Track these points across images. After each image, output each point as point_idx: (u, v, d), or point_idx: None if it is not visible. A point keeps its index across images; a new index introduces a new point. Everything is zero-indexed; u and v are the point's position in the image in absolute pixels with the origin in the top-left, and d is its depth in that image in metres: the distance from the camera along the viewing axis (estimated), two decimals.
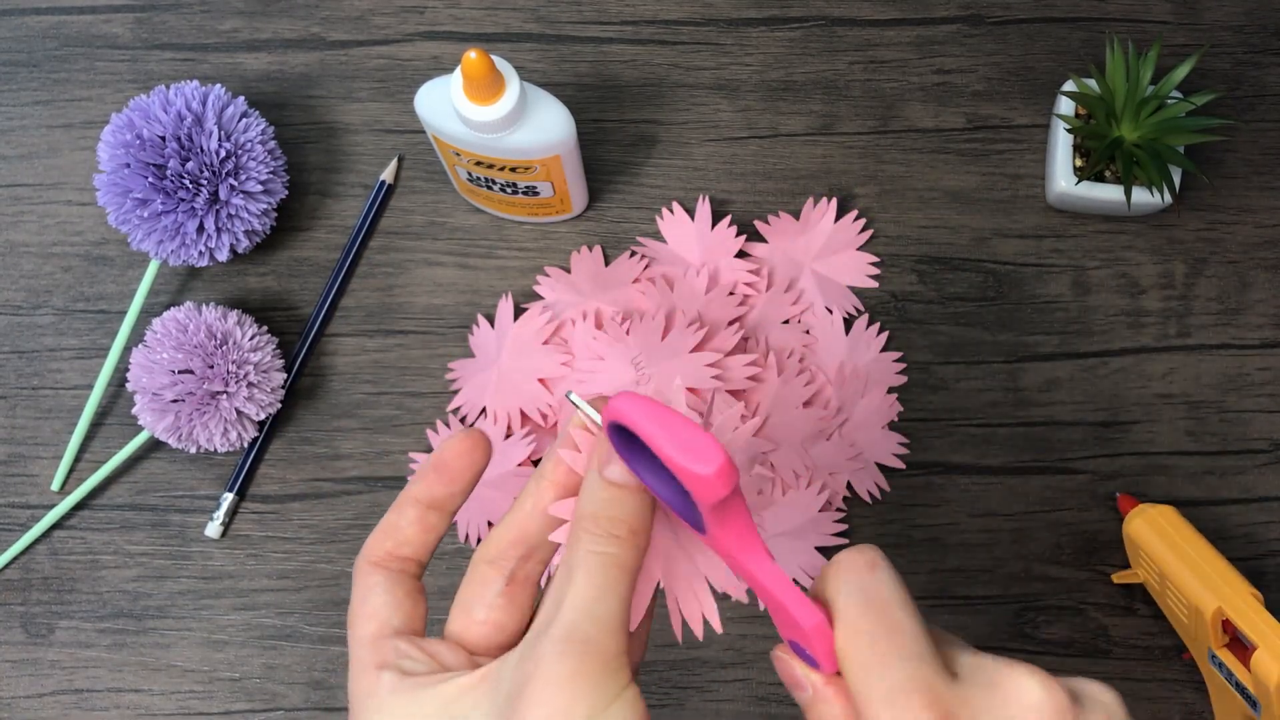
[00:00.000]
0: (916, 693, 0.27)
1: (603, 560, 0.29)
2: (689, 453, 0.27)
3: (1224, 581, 0.51)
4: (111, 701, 0.58)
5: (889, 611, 0.28)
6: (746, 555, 0.30)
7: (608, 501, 0.30)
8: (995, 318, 0.61)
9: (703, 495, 0.28)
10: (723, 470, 0.27)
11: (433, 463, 0.33)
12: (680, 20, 0.64)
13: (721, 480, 0.27)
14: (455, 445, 0.33)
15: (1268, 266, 0.61)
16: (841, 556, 0.30)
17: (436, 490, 0.33)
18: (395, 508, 0.33)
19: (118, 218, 0.57)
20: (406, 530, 0.33)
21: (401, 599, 0.32)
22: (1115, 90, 0.57)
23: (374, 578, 0.33)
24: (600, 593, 0.29)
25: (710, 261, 0.60)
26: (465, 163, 0.55)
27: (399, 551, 0.33)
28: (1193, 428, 0.60)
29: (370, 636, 0.32)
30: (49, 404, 0.61)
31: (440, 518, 0.34)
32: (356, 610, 0.32)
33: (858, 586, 0.29)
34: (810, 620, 0.29)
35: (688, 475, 0.27)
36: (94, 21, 0.65)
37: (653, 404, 0.28)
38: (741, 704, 0.57)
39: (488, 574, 0.32)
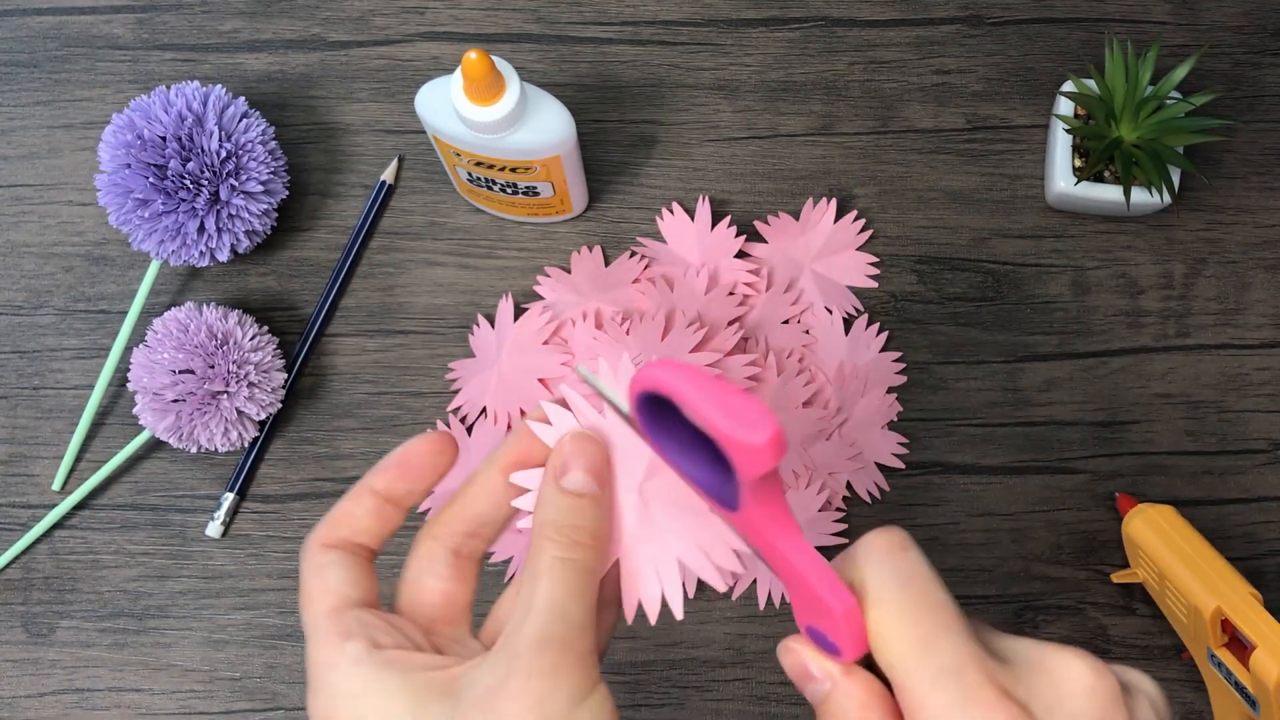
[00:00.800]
0: (970, 669, 0.26)
1: (569, 566, 0.30)
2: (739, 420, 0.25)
3: (1223, 581, 0.51)
4: (112, 701, 0.58)
5: (929, 590, 0.28)
6: (779, 533, 0.28)
7: (568, 511, 0.30)
8: (995, 318, 0.61)
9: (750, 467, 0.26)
10: (775, 439, 0.25)
11: (397, 459, 0.33)
12: (680, 21, 0.64)
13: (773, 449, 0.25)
14: (422, 445, 0.33)
15: (1267, 266, 0.61)
16: (870, 538, 0.29)
17: (397, 486, 0.33)
18: (351, 496, 0.33)
19: (118, 218, 0.57)
20: (362, 519, 0.33)
21: (359, 575, 0.32)
22: (1114, 91, 0.57)
23: (327, 556, 0.32)
24: (569, 595, 0.29)
25: (710, 262, 0.60)
26: (465, 163, 0.55)
27: (354, 539, 0.33)
28: (1192, 428, 0.60)
29: (329, 610, 0.31)
30: (50, 404, 0.61)
31: (397, 512, 0.33)
32: (311, 586, 0.32)
33: (892, 567, 0.28)
34: (842, 602, 0.28)
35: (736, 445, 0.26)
36: (95, 22, 0.65)
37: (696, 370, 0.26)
38: (741, 704, 0.57)
39: (434, 548, 0.33)
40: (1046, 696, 0.26)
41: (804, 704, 0.57)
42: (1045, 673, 0.27)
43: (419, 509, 0.58)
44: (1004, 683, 0.26)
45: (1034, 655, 0.27)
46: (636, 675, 0.57)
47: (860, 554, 0.29)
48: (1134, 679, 0.28)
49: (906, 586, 0.28)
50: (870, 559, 0.29)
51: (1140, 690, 0.28)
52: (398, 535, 0.59)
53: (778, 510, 0.28)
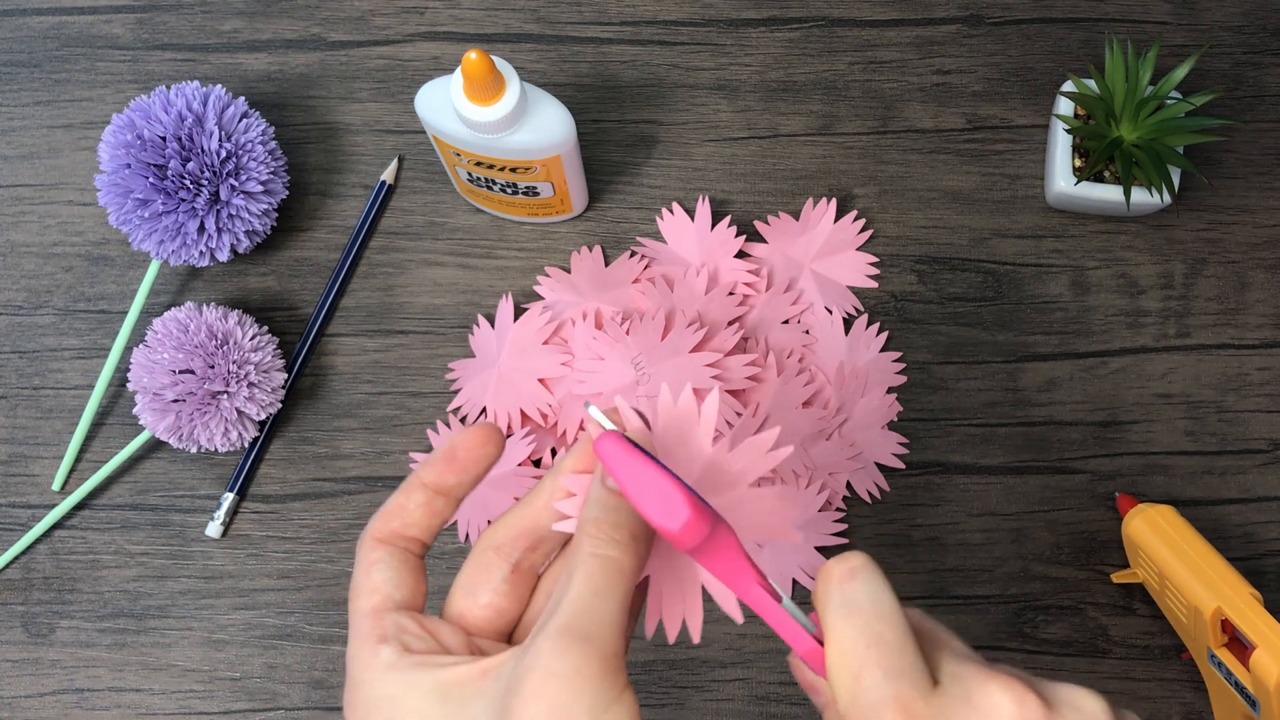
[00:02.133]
0: (889, 709, 0.27)
1: (602, 563, 0.30)
2: (655, 507, 0.28)
3: (1223, 581, 0.51)
4: (112, 701, 0.58)
5: (869, 624, 0.29)
6: (736, 584, 0.30)
7: (610, 508, 0.31)
8: (994, 318, 0.61)
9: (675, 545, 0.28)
10: (688, 526, 0.28)
11: (444, 452, 0.34)
12: (680, 21, 0.64)
13: (687, 534, 0.28)
14: (469, 437, 0.34)
15: (1267, 266, 0.61)
16: (825, 568, 0.30)
17: (446, 478, 0.34)
18: (403, 490, 0.34)
19: (118, 218, 0.57)
20: (414, 512, 0.33)
21: (405, 575, 0.33)
22: (1114, 90, 0.57)
23: (378, 553, 0.33)
24: (598, 592, 0.29)
25: (710, 262, 0.60)
26: (465, 163, 0.55)
27: (405, 531, 0.33)
28: (1192, 428, 0.60)
29: (372, 609, 0.32)
30: (50, 404, 0.61)
31: (447, 504, 0.34)
32: (360, 583, 0.33)
33: (839, 599, 0.29)
34: (802, 646, 0.29)
35: (657, 528, 0.28)
36: (95, 22, 0.65)
37: (627, 451, 0.29)
38: (741, 704, 0.57)
39: (493, 560, 0.33)
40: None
41: (804, 704, 0.57)
42: (969, 704, 0.28)
43: None
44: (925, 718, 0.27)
45: (967, 683, 0.28)
46: (636, 675, 0.58)
47: (818, 584, 0.30)
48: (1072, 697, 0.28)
49: (848, 619, 0.29)
50: (823, 590, 0.30)
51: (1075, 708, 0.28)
52: None
53: (733, 563, 0.30)
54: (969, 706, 0.27)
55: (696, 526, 0.28)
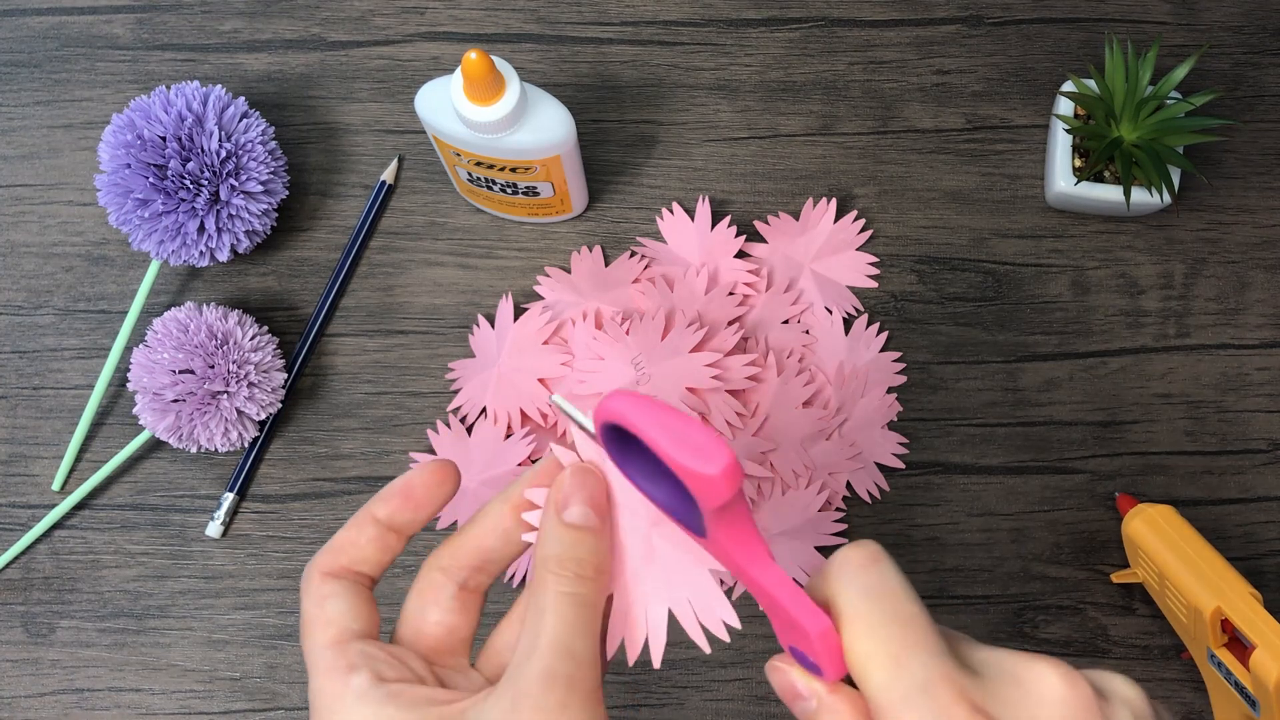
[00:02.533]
0: (941, 687, 0.26)
1: (573, 600, 0.30)
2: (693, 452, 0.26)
3: (1223, 581, 0.51)
4: (112, 701, 0.58)
5: (899, 605, 0.28)
6: (748, 559, 0.29)
7: (570, 544, 0.30)
8: (994, 318, 0.61)
9: (706, 497, 0.26)
10: (729, 470, 0.26)
11: (400, 488, 0.33)
12: (680, 21, 0.64)
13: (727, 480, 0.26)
14: (425, 475, 0.33)
15: (1267, 266, 0.61)
16: (841, 554, 0.29)
17: (400, 515, 0.33)
18: (354, 524, 0.33)
19: (118, 218, 0.57)
20: (365, 548, 0.33)
21: (359, 606, 0.32)
22: (1114, 91, 0.57)
23: (329, 586, 0.32)
24: (574, 631, 0.29)
25: (710, 262, 0.60)
26: (465, 163, 0.55)
27: (354, 567, 0.33)
28: (1192, 427, 0.60)
29: (331, 641, 0.31)
30: (50, 404, 0.61)
31: (399, 540, 0.33)
32: (312, 616, 0.32)
33: (862, 583, 0.28)
34: (816, 625, 0.28)
35: (691, 476, 0.26)
36: (94, 22, 0.65)
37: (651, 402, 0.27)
38: (741, 704, 0.57)
39: (439, 580, 0.33)
40: (1020, 709, 0.26)
41: None
42: (1018, 685, 0.27)
43: None
44: (976, 698, 0.26)
45: (1008, 667, 0.27)
46: (636, 675, 0.57)
47: (833, 571, 0.29)
48: (1112, 684, 0.28)
49: (877, 603, 0.28)
50: (842, 575, 0.29)
51: (1117, 695, 0.27)
52: None
53: (746, 535, 0.29)
54: (1018, 686, 0.27)
55: (736, 469, 0.26)
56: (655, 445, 0.26)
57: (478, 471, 0.57)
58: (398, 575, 0.59)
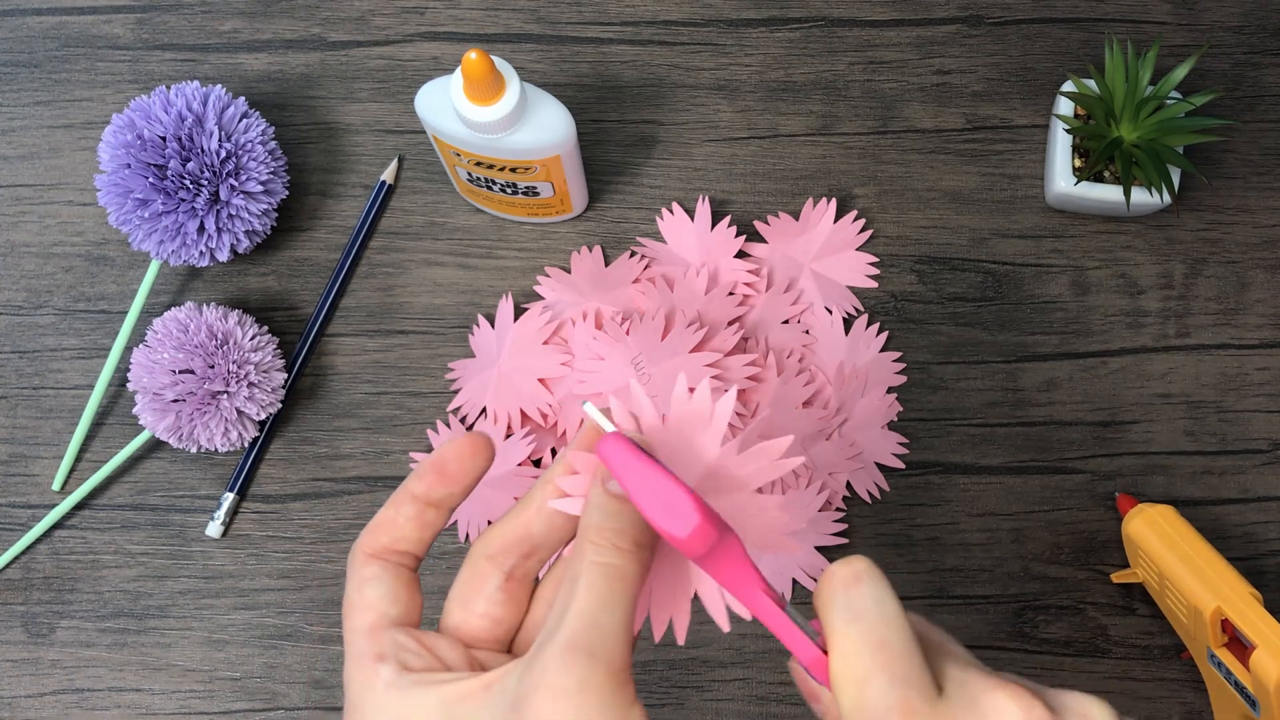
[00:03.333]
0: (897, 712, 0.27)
1: (606, 571, 0.29)
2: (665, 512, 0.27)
3: (1223, 581, 0.51)
4: (112, 701, 0.58)
5: (873, 629, 0.28)
6: (741, 594, 0.29)
7: (611, 514, 0.30)
8: (995, 318, 0.61)
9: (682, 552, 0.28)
10: (697, 532, 0.27)
11: (433, 463, 0.33)
12: (680, 21, 0.64)
13: (695, 541, 0.27)
14: (457, 448, 0.33)
15: (1267, 266, 0.61)
16: (828, 572, 0.30)
17: (436, 490, 0.33)
18: (393, 503, 0.33)
19: (118, 218, 0.57)
20: (404, 526, 0.33)
21: (399, 590, 0.32)
22: (1114, 91, 0.57)
23: (370, 569, 0.32)
24: (603, 603, 0.29)
25: (710, 262, 0.60)
26: (465, 163, 0.55)
27: (396, 546, 0.33)
28: (1192, 428, 0.60)
29: (367, 627, 0.31)
30: (50, 404, 0.61)
31: (439, 515, 0.33)
32: (353, 600, 0.32)
33: (843, 604, 0.29)
34: (806, 655, 0.29)
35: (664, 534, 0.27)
36: (95, 22, 0.65)
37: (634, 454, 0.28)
38: (741, 704, 0.57)
39: (486, 569, 0.32)
40: None
41: (803, 704, 0.57)
42: (976, 713, 0.27)
43: None
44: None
45: (972, 691, 0.28)
46: (637, 675, 0.58)
47: (821, 588, 0.30)
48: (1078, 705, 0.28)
49: (853, 625, 0.28)
50: (827, 595, 0.29)
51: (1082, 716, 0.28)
52: None
53: (737, 569, 0.29)
54: (974, 714, 0.27)
55: (705, 533, 0.27)
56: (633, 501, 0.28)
57: None
58: None
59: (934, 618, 0.58)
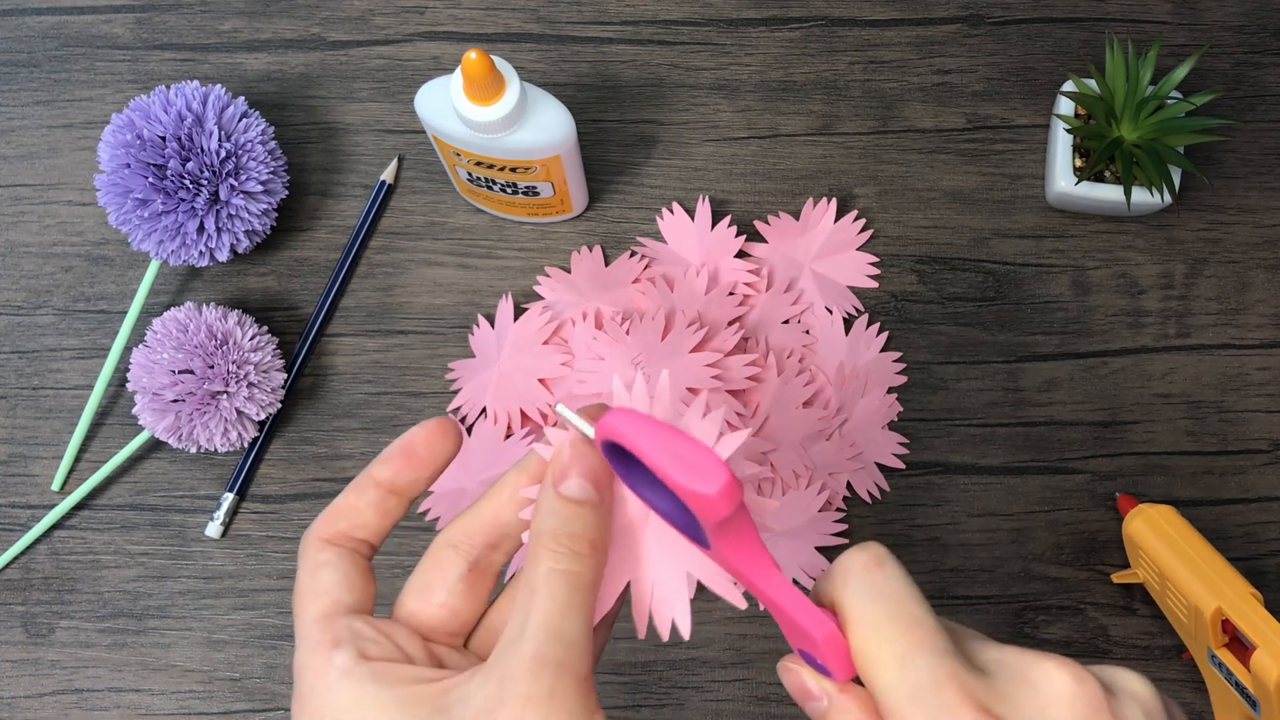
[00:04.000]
0: (947, 687, 0.26)
1: (566, 579, 0.29)
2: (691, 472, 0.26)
3: (1224, 581, 0.51)
4: (112, 701, 0.58)
5: (905, 607, 0.27)
6: (753, 568, 0.29)
7: (566, 518, 0.29)
8: (995, 318, 0.61)
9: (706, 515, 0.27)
10: (727, 489, 0.26)
11: (401, 447, 0.32)
12: (680, 20, 0.64)
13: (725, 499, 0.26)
14: (426, 431, 0.33)
15: (1267, 266, 0.61)
16: (846, 557, 0.29)
17: (402, 475, 0.32)
18: (354, 488, 0.32)
19: (118, 218, 0.57)
20: (365, 512, 0.32)
21: (354, 578, 0.31)
22: (1115, 90, 0.57)
23: (325, 554, 0.31)
24: (565, 612, 0.28)
25: (710, 261, 0.60)
26: (465, 163, 0.55)
27: (354, 533, 0.32)
28: (1192, 428, 0.60)
29: (321, 613, 0.30)
30: (49, 404, 0.61)
31: (400, 504, 0.33)
32: (306, 586, 0.31)
33: (867, 585, 0.28)
34: (822, 630, 0.28)
35: (690, 495, 0.26)
36: (94, 22, 0.65)
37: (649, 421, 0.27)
38: (741, 704, 0.57)
39: (450, 558, 0.32)
40: (1028, 708, 0.26)
41: None
42: (1027, 684, 0.26)
43: (417, 509, 0.58)
44: (983, 698, 0.26)
45: (1016, 666, 0.27)
46: (636, 675, 0.57)
47: (837, 573, 0.29)
48: (1122, 680, 0.27)
49: (882, 604, 0.28)
50: (847, 578, 0.28)
51: (1127, 692, 0.27)
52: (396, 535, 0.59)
53: (749, 545, 0.29)
54: (1026, 685, 0.26)
55: (733, 489, 0.26)
56: (653, 465, 0.27)
57: (478, 471, 0.57)
58: (397, 575, 0.59)
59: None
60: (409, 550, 0.59)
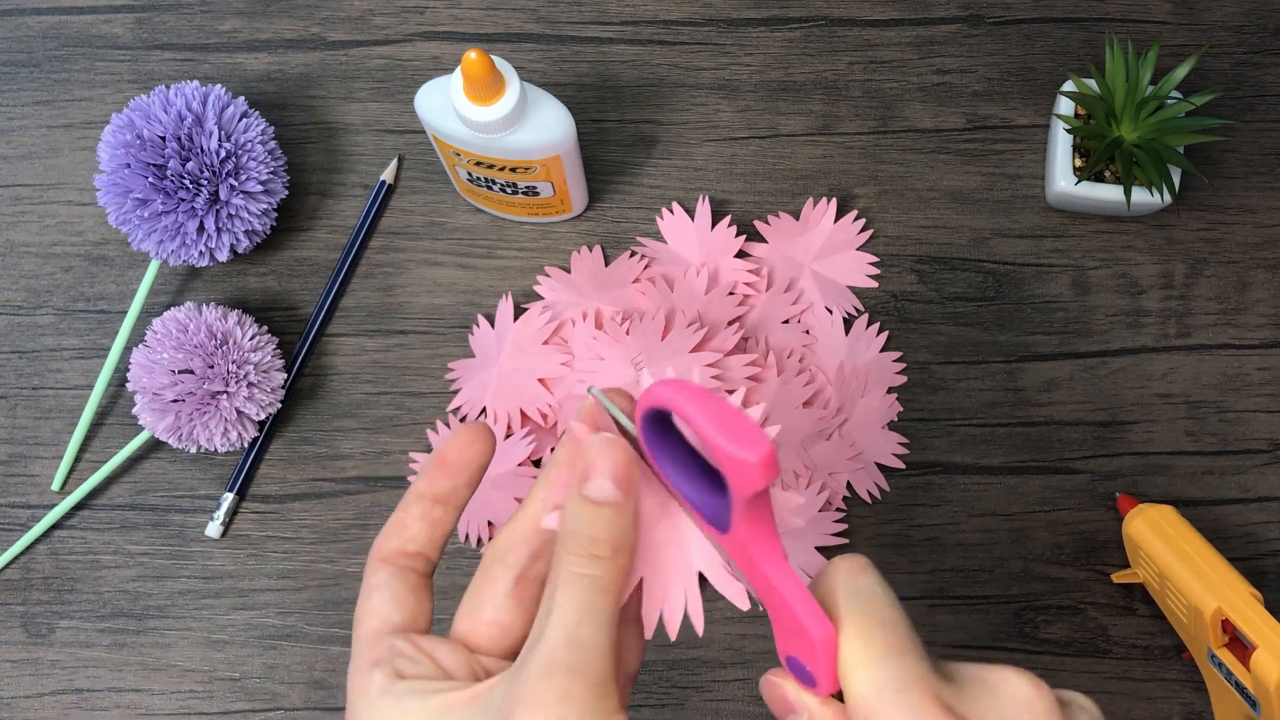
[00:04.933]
0: (915, 687, 0.27)
1: (585, 582, 0.29)
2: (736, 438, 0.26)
3: (1223, 581, 0.51)
4: (112, 701, 0.58)
5: (883, 610, 0.29)
6: (767, 558, 0.29)
7: (589, 520, 0.30)
8: (995, 318, 0.61)
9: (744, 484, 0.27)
10: (768, 458, 0.26)
11: (435, 458, 0.33)
12: (680, 20, 0.64)
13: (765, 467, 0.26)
14: (457, 440, 0.33)
15: (1267, 266, 0.61)
16: (832, 563, 0.30)
17: (440, 485, 0.33)
18: (402, 505, 0.33)
19: (118, 218, 0.57)
20: (413, 526, 0.33)
21: (404, 595, 0.32)
22: (1115, 90, 0.57)
23: (379, 575, 0.32)
24: (583, 615, 0.28)
25: (710, 261, 0.60)
26: (465, 163, 0.55)
27: (406, 548, 0.33)
28: (1192, 428, 0.60)
29: (370, 633, 0.31)
30: (49, 404, 0.61)
31: (446, 512, 0.33)
32: (360, 605, 0.32)
33: (850, 588, 0.29)
34: (821, 630, 0.28)
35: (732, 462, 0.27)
36: (94, 21, 0.65)
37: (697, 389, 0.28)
38: (741, 704, 0.57)
39: (497, 573, 0.32)
40: (989, 709, 0.28)
41: None
42: (987, 687, 0.28)
43: None
44: (948, 699, 0.27)
45: (978, 674, 0.29)
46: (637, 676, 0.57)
47: (825, 578, 0.30)
48: (1075, 698, 0.29)
49: (863, 606, 0.29)
50: (834, 582, 0.30)
51: (1077, 704, 0.29)
52: None
53: (766, 535, 0.29)
54: (987, 689, 0.28)
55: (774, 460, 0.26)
56: (699, 428, 0.27)
57: None
58: None
59: (934, 618, 0.58)
60: None
